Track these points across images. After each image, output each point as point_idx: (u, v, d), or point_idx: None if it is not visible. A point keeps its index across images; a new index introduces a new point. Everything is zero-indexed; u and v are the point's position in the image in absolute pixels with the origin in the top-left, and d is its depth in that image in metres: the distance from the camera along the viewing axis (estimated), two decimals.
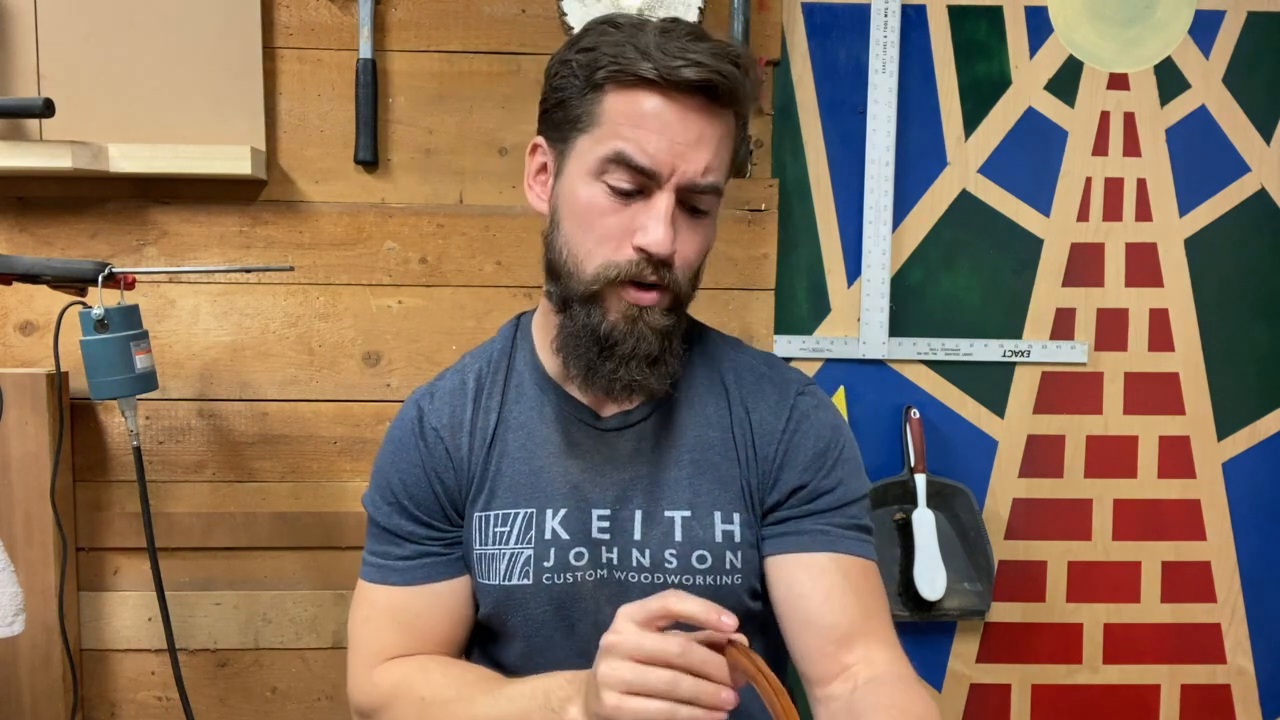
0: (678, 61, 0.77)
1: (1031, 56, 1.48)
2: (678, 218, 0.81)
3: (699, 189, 0.81)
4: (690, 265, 0.84)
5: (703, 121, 0.80)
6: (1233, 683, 1.56)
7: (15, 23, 1.33)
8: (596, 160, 0.81)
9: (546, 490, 0.89)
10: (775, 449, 0.90)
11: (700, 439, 0.90)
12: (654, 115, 0.79)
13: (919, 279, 1.50)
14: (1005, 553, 1.53)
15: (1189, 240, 1.51)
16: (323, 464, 1.45)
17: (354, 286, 1.44)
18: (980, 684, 1.55)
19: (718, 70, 0.78)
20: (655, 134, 0.79)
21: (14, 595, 1.14)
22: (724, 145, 0.83)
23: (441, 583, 0.91)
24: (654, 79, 0.78)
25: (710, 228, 0.86)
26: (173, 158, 1.33)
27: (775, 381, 0.94)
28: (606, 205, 0.81)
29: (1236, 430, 1.53)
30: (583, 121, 0.82)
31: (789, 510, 0.89)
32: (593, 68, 0.81)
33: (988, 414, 1.51)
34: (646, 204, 0.80)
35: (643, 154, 0.79)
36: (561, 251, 0.84)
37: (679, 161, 0.79)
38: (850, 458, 0.92)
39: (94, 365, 1.18)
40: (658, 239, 0.79)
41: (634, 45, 0.79)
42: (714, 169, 0.81)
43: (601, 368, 0.83)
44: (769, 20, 1.44)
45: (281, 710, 1.48)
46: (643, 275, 0.81)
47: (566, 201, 0.84)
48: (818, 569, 0.86)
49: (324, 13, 1.40)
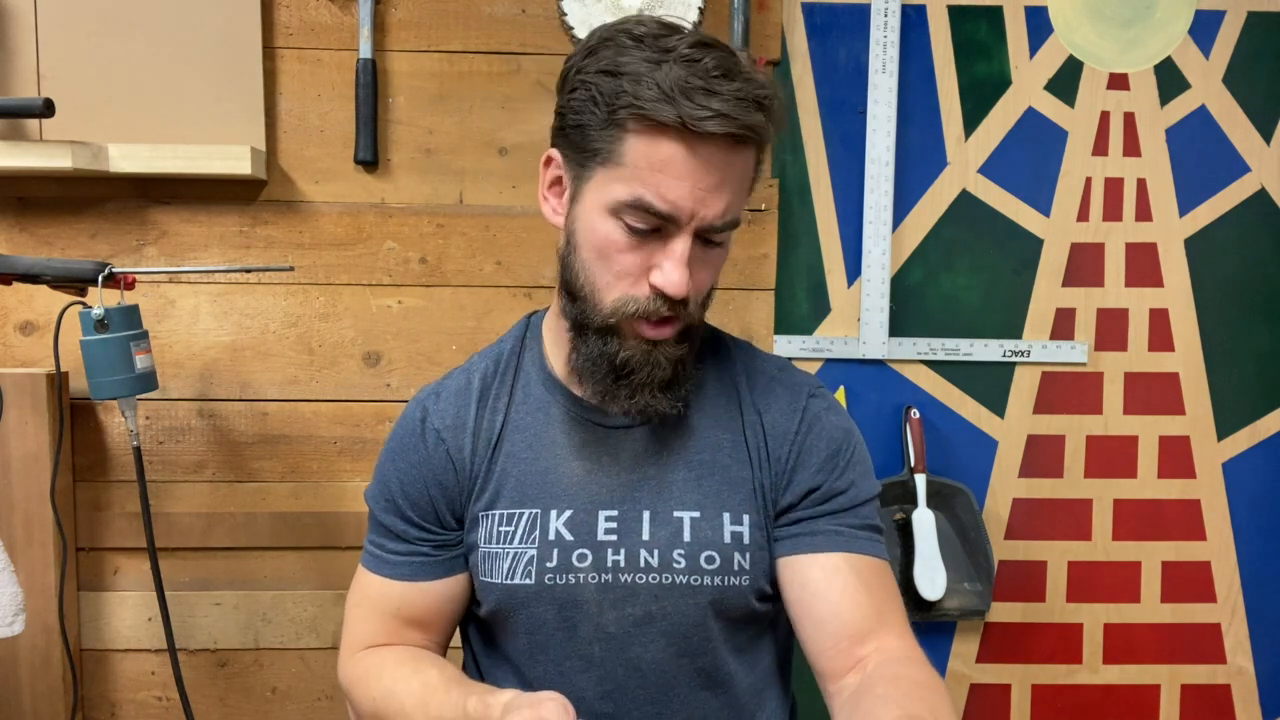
0: (703, 112, 0.76)
1: (1031, 56, 1.48)
2: (694, 254, 0.81)
3: (717, 229, 0.81)
4: (701, 293, 0.85)
5: (723, 163, 0.79)
6: (1233, 683, 1.56)
7: (15, 23, 1.33)
8: (616, 200, 0.80)
9: (552, 491, 0.89)
10: (788, 451, 0.91)
11: (710, 440, 0.91)
12: (676, 163, 0.78)
13: (919, 279, 1.50)
14: (1005, 553, 1.53)
15: (1189, 240, 1.51)
16: (323, 464, 1.45)
17: (354, 286, 1.44)
18: (980, 684, 1.55)
19: (744, 124, 0.77)
20: (676, 180, 0.78)
21: (14, 595, 1.14)
22: (744, 183, 0.83)
23: (429, 582, 0.92)
24: (679, 126, 0.76)
25: (724, 252, 0.86)
26: (173, 158, 1.33)
27: (786, 384, 0.94)
28: (624, 242, 0.81)
29: (1236, 430, 1.53)
30: (602, 155, 0.81)
31: (803, 511, 0.89)
32: (614, 104, 0.79)
33: (988, 414, 1.51)
34: (664, 245, 0.81)
35: (663, 201, 0.78)
36: (579, 276, 0.84)
37: (699, 207, 0.79)
38: (861, 459, 0.92)
39: (94, 365, 1.18)
40: (674, 282, 0.80)
41: (658, 84, 0.77)
42: (734, 207, 0.81)
43: (617, 393, 0.85)
44: (769, 20, 1.44)
45: (281, 710, 1.48)
46: (659, 312, 0.82)
47: (584, 230, 0.83)
48: (832, 568, 0.87)
49: (324, 13, 1.40)
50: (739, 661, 0.91)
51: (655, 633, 0.87)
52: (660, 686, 0.88)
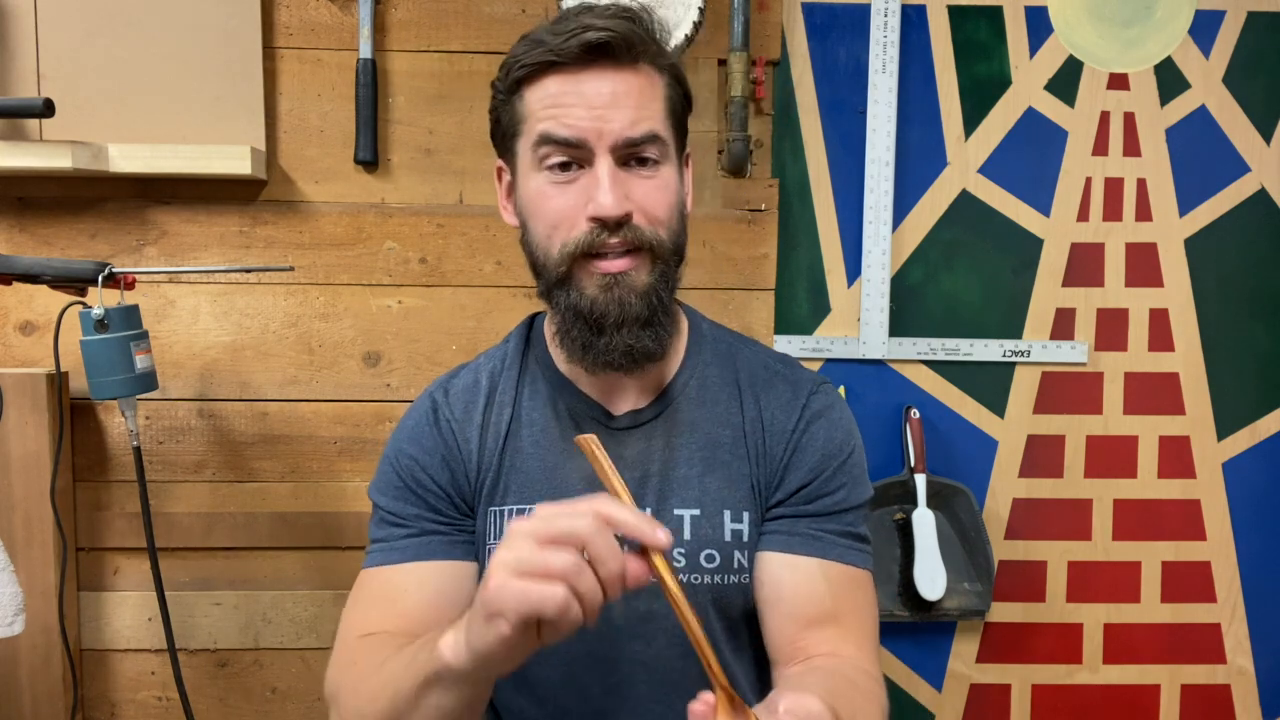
0: (566, 36, 0.80)
1: (1031, 56, 1.48)
2: (625, 177, 0.82)
3: (635, 141, 0.82)
4: (658, 219, 0.84)
5: (613, 80, 0.81)
6: (1233, 683, 1.56)
7: (15, 23, 1.33)
8: (530, 152, 0.84)
9: (559, 487, 0.89)
10: (784, 449, 0.90)
11: (711, 437, 0.90)
12: (564, 92, 0.81)
13: (919, 279, 1.50)
14: (1005, 553, 1.53)
15: (1189, 240, 1.51)
16: (323, 464, 1.45)
17: (354, 286, 1.44)
18: (980, 684, 1.55)
19: (606, 28, 0.80)
20: (570, 108, 0.81)
21: (14, 595, 1.14)
22: (649, 96, 0.83)
23: (437, 561, 0.88)
24: (553, 60, 0.81)
25: (669, 178, 0.85)
26: (173, 158, 1.33)
27: (789, 380, 0.93)
28: (552, 190, 0.83)
29: (1236, 430, 1.53)
30: (515, 126, 0.85)
31: (787, 509, 0.89)
32: (506, 76, 0.85)
33: (988, 414, 1.51)
34: (590, 176, 0.82)
35: (564, 127, 0.81)
36: (533, 248, 0.87)
37: (601, 124, 0.80)
38: (856, 463, 0.91)
39: (94, 365, 1.18)
40: (603, 202, 0.80)
41: (531, 39, 0.83)
42: (644, 119, 0.82)
43: (595, 343, 0.84)
44: (769, 20, 1.44)
45: (281, 710, 1.48)
46: (603, 244, 0.82)
47: (523, 202, 0.87)
48: (801, 570, 0.86)
49: (324, 13, 1.40)
50: (740, 661, 0.91)
51: (656, 630, 0.87)
52: (662, 683, 0.88)
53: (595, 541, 0.59)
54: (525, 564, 0.58)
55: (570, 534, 0.59)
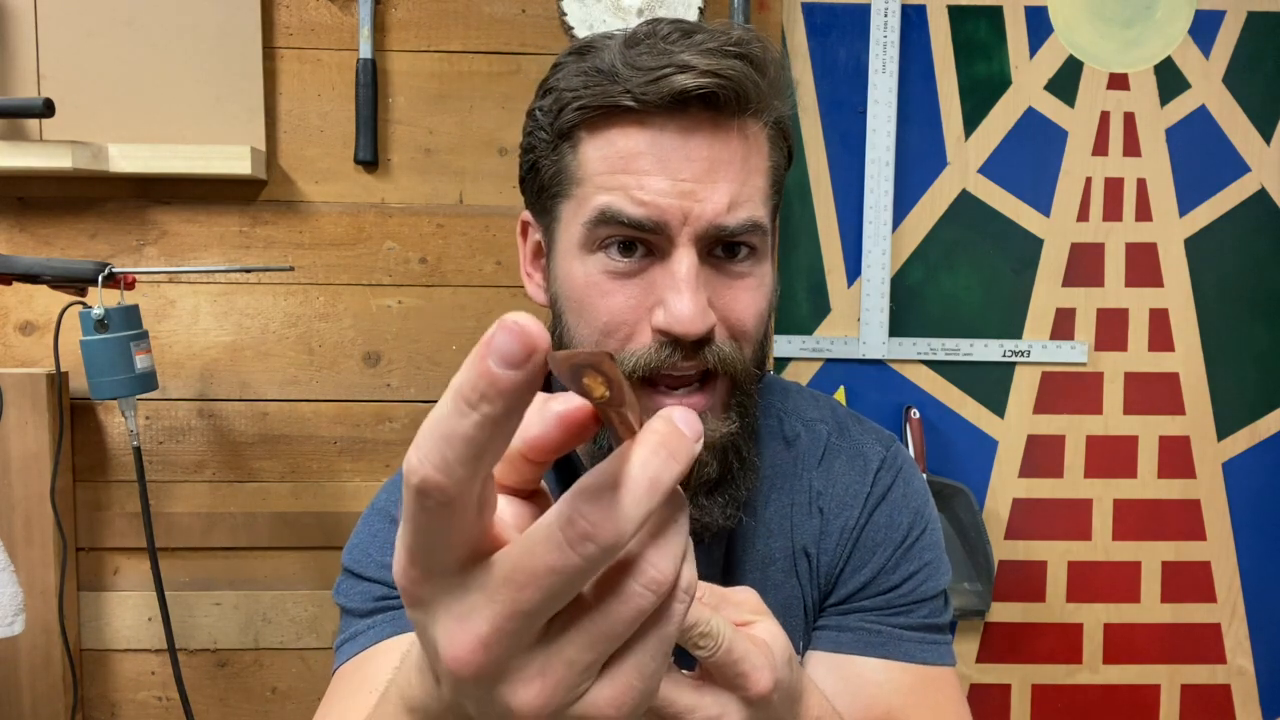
0: (657, 75, 0.58)
1: (1031, 56, 1.48)
2: (709, 276, 0.61)
3: (730, 231, 0.60)
4: (745, 333, 0.63)
5: (710, 143, 0.59)
6: (1233, 683, 1.56)
7: (15, 23, 1.33)
8: (583, 228, 0.62)
9: None
10: (840, 550, 0.71)
11: (762, 554, 0.72)
12: (641, 154, 0.59)
13: (919, 279, 1.50)
14: (1005, 553, 1.53)
15: (1189, 240, 1.51)
16: (323, 464, 1.45)
17: (354, 286, 1.44)
18: (980, 684, 1.55)
19: (714, 72, 0.57)
20: (647, 175, 0.59)
21: (14, 595, 1.14)
22: (753, 167, 0.62)
23: (413, 633, 0.77)
24: (630, 105, 0.59)
25: (764, 277, 0.64)
26: (173, 158, 1.33)
27: (849, 454, 0.74)
28: (610, 284, 0.61)
29: (1236, 430, 1.53)
30: (562, 186, 0.64)
31: (841, 606, 0.71)
32: (556, 112, 0.63)
33: (988, 414, 1.51)
34: (662, 271, 0.61)
35: (636, 205, 0.59)
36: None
37: (689, 202, 0.59)
38: (928, 545, 0.72)
39: (94, 365, 1.18)
40: (680, 314, 0.58)
41: (596, 68, 0.60)
42: (745, 201, 0.61)
43: None
44: (769, 20, 1.44)
45: (281, 710, 1.48)
46: (671, 365, 0.60)
47: (563, 287, 0.65)
48: (855, 670, 0.66)
49: (324, 13, 1.40)
50: None
51: None
52: None
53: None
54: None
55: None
